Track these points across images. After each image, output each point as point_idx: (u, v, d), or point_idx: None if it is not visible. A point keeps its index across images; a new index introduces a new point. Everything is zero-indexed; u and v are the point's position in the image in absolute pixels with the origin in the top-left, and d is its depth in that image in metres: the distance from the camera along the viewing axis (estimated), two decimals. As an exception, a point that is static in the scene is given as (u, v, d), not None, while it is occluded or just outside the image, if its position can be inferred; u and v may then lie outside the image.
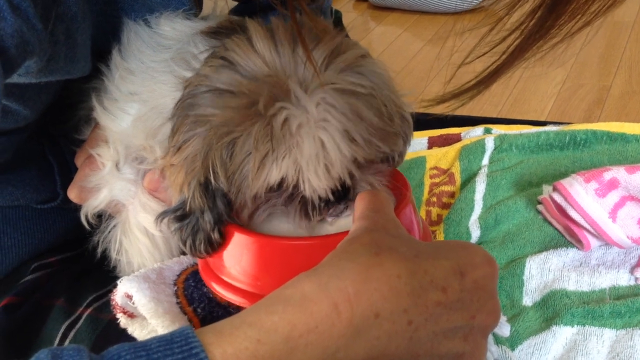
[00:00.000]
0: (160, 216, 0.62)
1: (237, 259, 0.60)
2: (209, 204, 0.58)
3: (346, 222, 0.60)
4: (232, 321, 0.45)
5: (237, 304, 0.59)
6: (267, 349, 0.43)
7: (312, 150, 0.54)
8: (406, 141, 0.63)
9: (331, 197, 0.58)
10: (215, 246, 0.60)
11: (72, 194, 0.74)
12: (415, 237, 0.61)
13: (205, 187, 0.57)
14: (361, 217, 0.53)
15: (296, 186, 0.57)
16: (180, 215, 0.60)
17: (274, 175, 0.55)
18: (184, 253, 0.72)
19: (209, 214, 0.59)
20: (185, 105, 0.58)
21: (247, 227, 0.61)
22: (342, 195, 0.59)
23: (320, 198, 0.58)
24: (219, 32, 0.63)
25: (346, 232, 0.53)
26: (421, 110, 0.66)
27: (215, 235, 0.60)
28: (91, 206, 0.73)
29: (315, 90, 0.54)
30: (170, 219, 0.61)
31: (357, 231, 0.51)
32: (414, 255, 0.48)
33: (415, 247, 0.50)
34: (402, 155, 0.65)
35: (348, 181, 0.58)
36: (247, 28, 0.58)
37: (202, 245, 0.60)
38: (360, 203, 0.55)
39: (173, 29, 0.68)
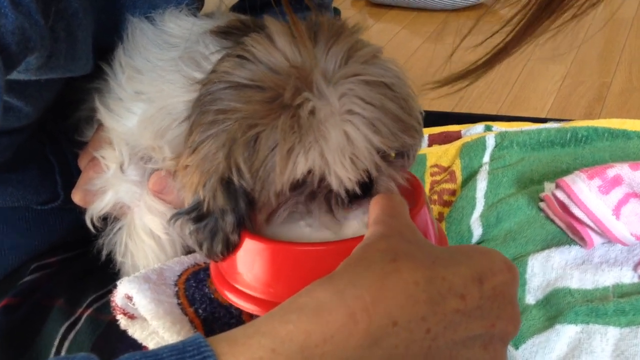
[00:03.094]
0: (174, 218, 0.61)
1: (249, 266, 0.59)
2: (231, 205, 0.57)
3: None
4: (245, 330, 0.44)
5: (251, 311, 0.58)
6: (282, 359, 0.42)
7: (339, 141, 0.53)
8: (420, 139, 0.62)
9: (358, 190, 0.57)
10: (231, 248, 0.59)
11: (77, 197, 0.73)
12: (430, 240, 0.60)
13: (227, 187, 0.56)
14: (376, 222, 0.52)
15: (321, 180, 0.56)
16: (197, 216, 0.59)
17: (300, 166, 0.54)
18: (188, 253, 0.71)
19: (231, 215, 0.57)
20: (204, 102, 0.57)
21: (264, 231, 0.60)
22: (367, 188, 0.58)
23: (346, 191, 0.57)
24: (230, 33, 0.63)
25: (361, 237, 0.52)
26: (426, 102, 0.66)
27: (234, 237, 0.58)
28: (96, 209, 0.72)
29: (339, 82, 0.54)
30: (185, 221, 0.60)
31: (373, 237, 0.50)
32: (432, 262, 0.47)
33: (432, 253, 0.49)
34: (414, 155, 0.64)
35: (374, 172, 0.57)
36: (266, 26, 0.58)
37: (220, 247, 0.59)
38: (374, 207, 0.54)
39: (179, 26, 0.67)
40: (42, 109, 0.69)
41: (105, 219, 0.74)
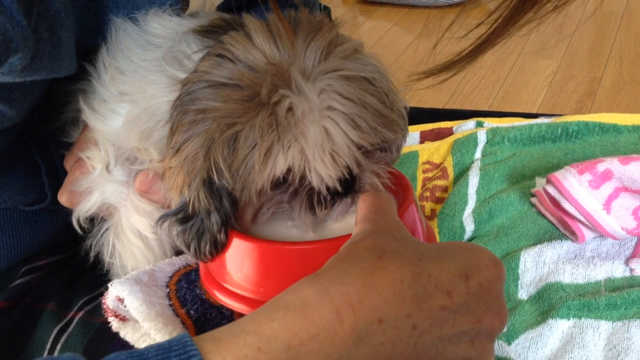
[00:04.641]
0: (161, 219, 0.61)
1: (238, 266, 0.58)
2: (215, 205, 0.57)
3: (352, 220, 0.59)
4: (231, 328, 0.44)
5: (241, 311, 0.58)
6: (268, 358, 0.42)
7: (318, 138, 0.53)
8: (404, 134, 0.62)
9: (339, 187, 0.57)
10: (219, 248, 0.59)
11: (63, 198, 0.73)
12: (418, 237, 0.60)
13: (210, 187, 0.56)
14: (364, 220, 0.52)
15: (302, 178, 0.56)
16: (183, 217, 0.58)
17: (280, 165, 0.53)
18: (177, 254, 0.71)
19: (216, 215, 0.57)
20: (183, 102, 0.57)
21: (249, 230, 0.60)
22: (349, 186, 0.58)
23: (328, 189, 0.57)
24: (212, 31, 0.62)
25: (348, 235, 0.52)
26: (411, 87, 0.66)
27: (222, 237, 0.58)
28: (83, 210, 0.72)
29: (318, 78, 0.54)
30: (172, 222, 0.59)
31: (360, 234, 0.50)
32: (418, 259, 0.47)
33: (419, 250, 0.49)
34: (399, 149, 0.64)
35: (355, 169, 0.57)
36: (245, 24, 0.58)
37: (208, 247, 0.58)
38: (362, 205, 0.54)
39: (162, 26, 0.67)
40: (25, 112, 0.68)
41: (92, 219, 0.74)
